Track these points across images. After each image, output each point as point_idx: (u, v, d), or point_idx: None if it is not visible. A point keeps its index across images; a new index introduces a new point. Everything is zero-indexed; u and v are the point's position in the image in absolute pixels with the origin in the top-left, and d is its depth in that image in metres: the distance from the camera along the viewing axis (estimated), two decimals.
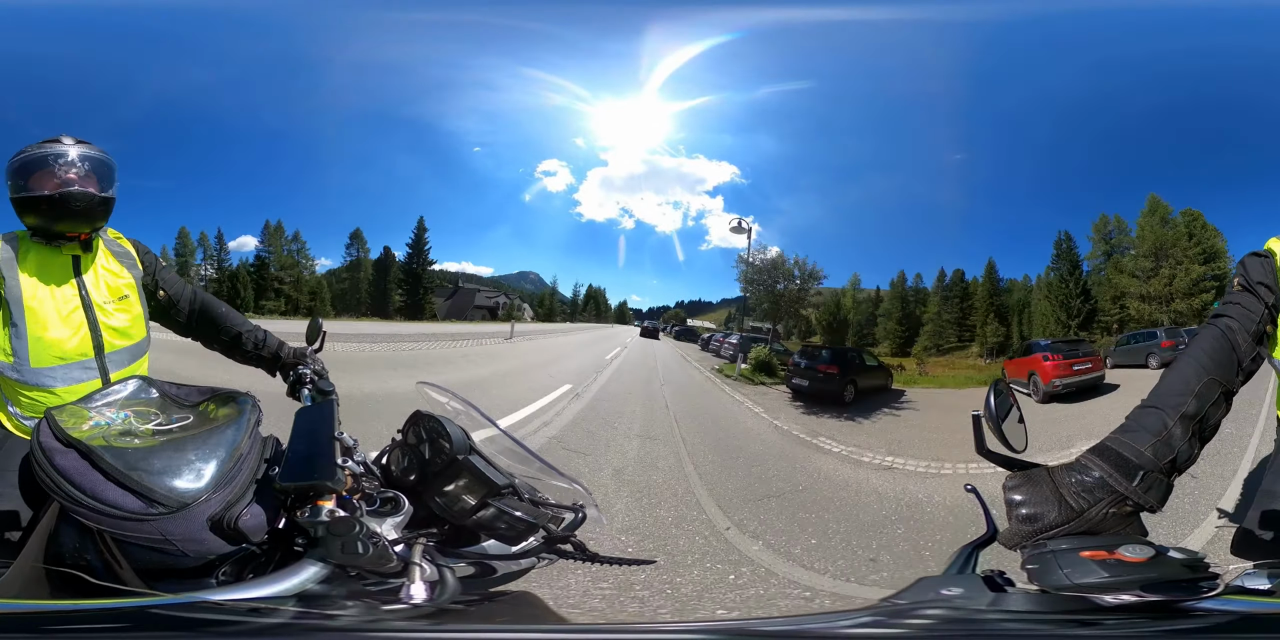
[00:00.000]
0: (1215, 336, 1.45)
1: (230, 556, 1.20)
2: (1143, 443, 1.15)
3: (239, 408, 1.37)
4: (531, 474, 1.43)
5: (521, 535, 1.36)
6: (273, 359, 2.21)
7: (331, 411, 1.40)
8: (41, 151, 2.00)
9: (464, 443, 1.35)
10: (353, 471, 1.32)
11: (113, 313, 2.07)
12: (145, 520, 1.11)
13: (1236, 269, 1.72)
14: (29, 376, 1.97)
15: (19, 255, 1.99)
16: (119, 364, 2.08)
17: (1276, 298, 1.64)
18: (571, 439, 6.65)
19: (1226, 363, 1.38)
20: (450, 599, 1.15)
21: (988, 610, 1.04)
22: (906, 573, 3.96)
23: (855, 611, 1.08)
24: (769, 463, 6.71)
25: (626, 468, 5.98)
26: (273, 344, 2.23)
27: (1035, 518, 1.07)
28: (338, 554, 1.13)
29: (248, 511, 1.18)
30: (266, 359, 2.22)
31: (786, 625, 1.14)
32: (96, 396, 1.40)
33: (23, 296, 1.95)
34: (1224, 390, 1.29)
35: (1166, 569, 0.98)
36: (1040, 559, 1.04)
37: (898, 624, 1.05)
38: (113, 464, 1.14)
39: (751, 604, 3.39)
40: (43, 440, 1.19)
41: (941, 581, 1.14)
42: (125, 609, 1.07)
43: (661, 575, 3.60)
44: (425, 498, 1.34)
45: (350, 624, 1.07)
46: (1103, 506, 1.07)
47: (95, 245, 2.10)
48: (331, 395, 1.89)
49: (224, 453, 1.22)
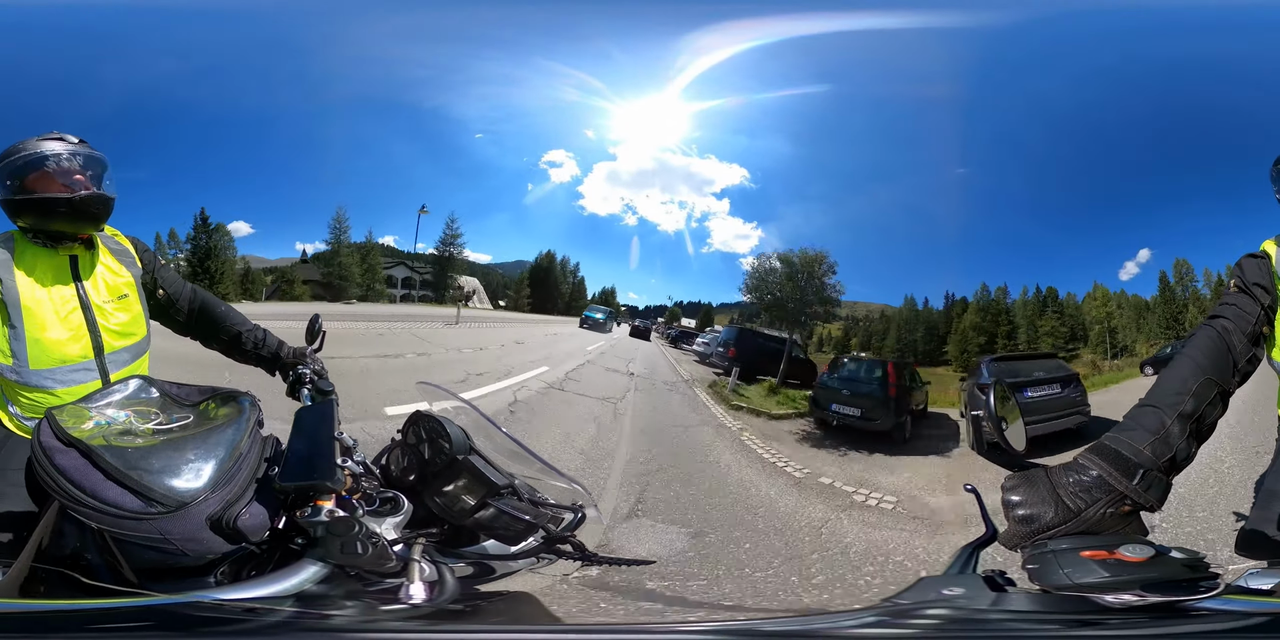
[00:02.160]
0: (1211, 337, 1.45)
1: (230, 556, 1.20)
2: (1141, 441, 1.15)
3: (239, 407, 1.37)
4: (531, 474, 1.43)
5: (521, 535, 1.36)
6: (272, 358, 2.21)
7: (331, 411, 1.40)
8: (37, 151, 1.97)
9: (464, 443, 1.35)
10: (352, 471, 1.32)
11: (112, 313, 2.06)
12: (145, 519, 1.11)
13: (1233, 270, 1.73)
14: (29, 378, 1.96)
15: (15, 256, 1.97)
16: (119, 364, 2.07)
17: (1273, 298, 1.65)
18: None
19: (1222, 363, 1.38)
20: (449, 599, 1.15)
21: (989, 610, 1.04)
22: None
23: (859, 611, 1.08)
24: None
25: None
26: (272, 343, 2.23)
27: (1032, 518, 1.07)
28: (337, 554, 1.13)
29: (247, 511, 1.18)
30: (266, 358, 2.22)
31: (793, 625, 1.14)
32: (97, 396, 1.40)
33: (20, 298, 1.94)
34: (1220, 390, 1.29)
35: (1167, 569, 0.97)
36: (1040, 559, 1.04)
37: (902, 623, 1.05)
38: (113, 463, 1.14)
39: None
40: (43, 440, 1.19)
41: (942, 581, 1.14)
42: (125, 608, 1.07)
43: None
44: (425, 498, 1.34)
45: (349, 624, 1.07)
46: (1100, 506, 1.07)
47: (95, 244, 2.10)
48: (331, 395, 1.89)
49: (223, 452, 1.22)
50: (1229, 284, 1.72)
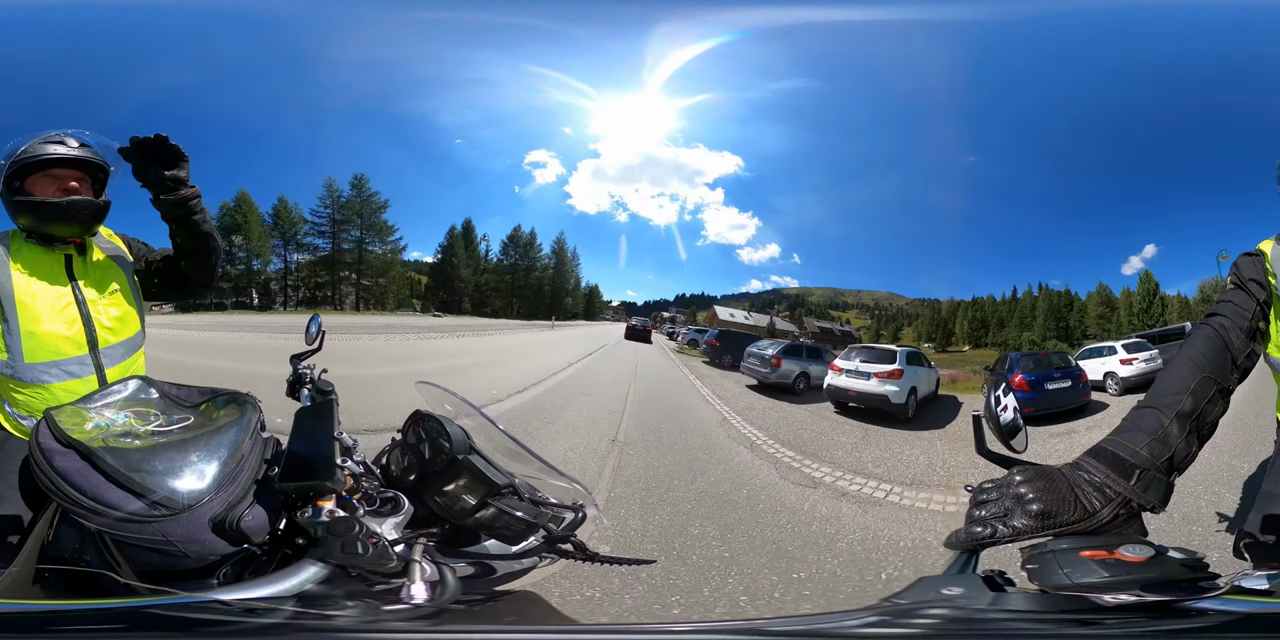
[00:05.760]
0: (1209, 335, 1.45)
1: (231, 557, 1.20)
2: (1138, 442, 1.15)
3: (240, 409, 1.37)
4: (531, 474, 1.43)
5: (521, 535, 1.36)
6: (202, 225, 2.06)
7: (331, 412, 1.40)
8: (40, 152, 1.98)
9: (464, 443, 1.35)
10: (352, 471, 1.32)
11: (106, 308, 2.07)
12: (147, 522, 1.11)
13: (1230, 269, 1.75)
14: (23, 373, 1.96)
15: (10, 253, 1.99)
16: (114, 359, 2.07)
17: (1268, 294, 1.66)
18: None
19: (1221, 360, 1.39)
20: (450, 599, 1.15)
21: (989, 610, 1.04)
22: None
23: (860, 611, 1.08)
24: None
25: None
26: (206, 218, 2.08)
27: (1049, 514, 1.06)
28: (338, 554, 1.13)
29: (249, 512, 1.18)
30: (202, 231, 2.07)
31: (797, 625, 1.14)
32: (96, 397, 1.40)
33: (14, 292, 1.95)
34: (1219, 388, 1.29)
35: (1166, 569, 0.98)
36: (1040, 559, 1.04)
37: (903, 623, 1.05)
38: (113, 465, 1.13)
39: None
40: (42, 441, 1.19)
41: (942, 581, 1.14)
42: (124, 609, 1.07)
43: None
44: (425, 498, 1.34)
45: (350, 624, 1.07)
46: (1113, 507, 1.07)
47: (89, 246, 2.10)
48: (331, 395, 1.89)
49: (225, 454, 1.22)
50: (1226, 282, 1.73)
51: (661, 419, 6.33)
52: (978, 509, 1.10)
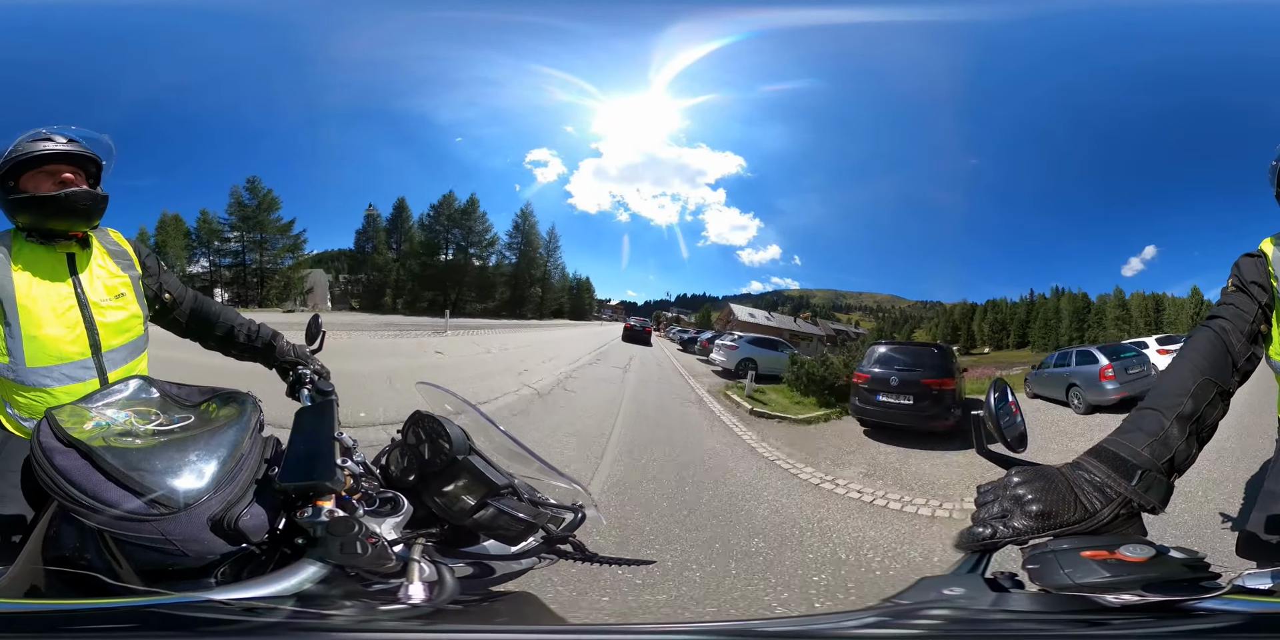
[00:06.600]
0: (1209, 338, 1.45)
1: (230, 556, 1.20)
2: (1139, 443, 1.15)
3: (240, 408, 1.37)
4: (531, 474, 1.43)
5: (521, 535, 1.36)
6: (266, 348, 2.24)
7: (331, 411, 1.40)
8: (32, 150, 1.98)
9: (464, 443, 1.35)
10: (352, 471, 1.32)
11: (109, 310, 2.06)
12: (145, 520, 1.11)
13: (1231, 270, 1.73)
14: (25, 376, 1.95)
15: (11, 254, 1.98)
16: (117, 362, 2.06)
17: (1270, 296, 1.65)
18: None
19: (1221, 363, 1.38)
20: (449, 599, 1.15)
21: (990, 610, 1.04)
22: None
23: (859, 611, 1.08)
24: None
25: None
26: (265, 334, 2.26)
27: (1049, 515, 1.06)
28: (337, 554, 1.12)
29: (248, 512, 1.18)
30: (260, 350, 2.25)
31: (792, 625, 1.13)
32: (97, 396, 1.39)
33: (16, 295, 1.94)
34: (1219, 390, 1.29)
35: (1167, 569, 0.97)
36: (1041, 559, 1.03)
37: (903, 624, 1.05)
38: (113, 464, 1.13)
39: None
40: (43, 440, 1.19)
41: (942, 581, 1.13)
42: (124, 608, 1.06)
43: None
44: (425, 498, 1.34)
45: (348, 624, 1.06)
46: (1114, 507, 1.07)
47: (91, 243, 2.10)
48: (331, 395, 1.89)
49: (225, 453, 1.21)
50: (1227, 284, 1.72)
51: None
52: (980, 510, 1.10)
